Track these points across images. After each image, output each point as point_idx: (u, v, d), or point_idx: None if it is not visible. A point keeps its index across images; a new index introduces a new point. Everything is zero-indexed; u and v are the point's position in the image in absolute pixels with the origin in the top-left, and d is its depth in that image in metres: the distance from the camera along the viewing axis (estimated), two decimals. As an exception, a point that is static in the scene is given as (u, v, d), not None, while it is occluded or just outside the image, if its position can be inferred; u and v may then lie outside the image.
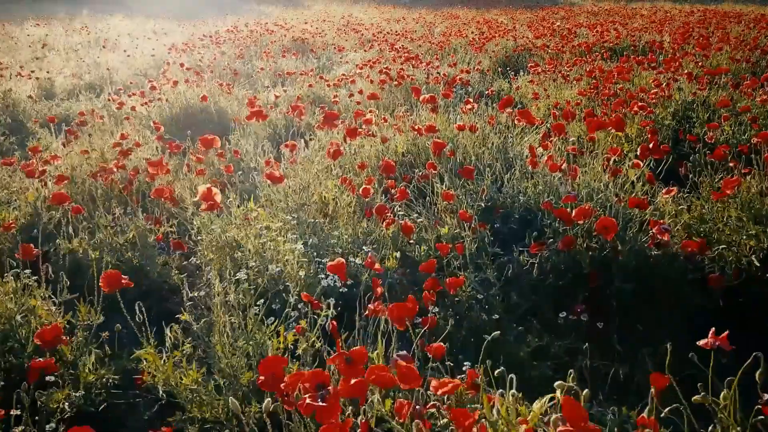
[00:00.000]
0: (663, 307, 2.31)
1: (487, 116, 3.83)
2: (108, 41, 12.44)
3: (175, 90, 5.46)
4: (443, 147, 2.74)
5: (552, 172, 2.53)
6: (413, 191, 3.03)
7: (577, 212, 2.20)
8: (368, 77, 6.19)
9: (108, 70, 8.50)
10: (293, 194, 2.89)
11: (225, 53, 8.94)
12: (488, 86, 7.45)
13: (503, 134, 3.59)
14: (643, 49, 7.77)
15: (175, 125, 5.19)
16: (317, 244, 2.54)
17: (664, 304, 2.31)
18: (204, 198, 1.98)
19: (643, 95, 4.49)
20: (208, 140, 2.94)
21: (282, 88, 6.35)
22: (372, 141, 3.65)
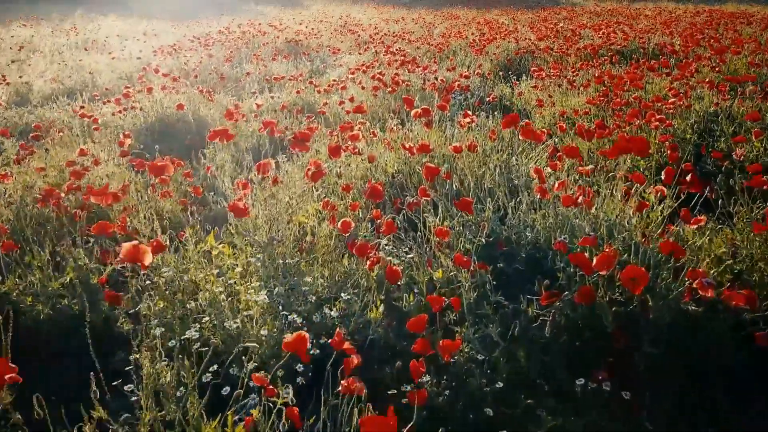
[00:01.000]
0: (702, 371, 1.91)
1: (487, 130, 3.43)
2: (96, 42, 12.04)
3: (151, 97, 5.06)
4: (437, 173, 2.34)
5: (566, 206, 2.13)
6: (403, 220, 2.63)
7: (598, 260, 1.79)
8: (360, 83, 5.78)
9: (90, 74, 8.10)
10: (264, 225, 2.49)
11: (213, 56, 8.53)
12: (489, 91, 7.06)
13: (505, 152, 3.19)
14: (653, 52, 7.37)
15: (150, 136, 4.79)
16: (287, 291, 2.14)
17: (703, 368, 1.91)
18: (129, 258, 1.58)
19: (660, 105, 4.08)
20: (159, 167, 2.53)
21: (269, 94, 5.95)
22: (359, 158, 3.26)
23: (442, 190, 2.79)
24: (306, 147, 2.24)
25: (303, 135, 2.21)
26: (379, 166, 3.29)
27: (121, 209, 3.01)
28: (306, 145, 2.23)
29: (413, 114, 3.04)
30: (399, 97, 5.44)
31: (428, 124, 3.21)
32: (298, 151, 2.32)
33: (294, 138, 2.20)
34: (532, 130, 2.44)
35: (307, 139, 2.22)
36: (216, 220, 3.29)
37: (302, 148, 2.23)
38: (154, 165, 2.20)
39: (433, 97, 5.52)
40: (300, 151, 2.39)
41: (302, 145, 2.21)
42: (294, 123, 4.88)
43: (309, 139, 2.25)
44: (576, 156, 2.21)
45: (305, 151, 2.29)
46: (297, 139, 2.18)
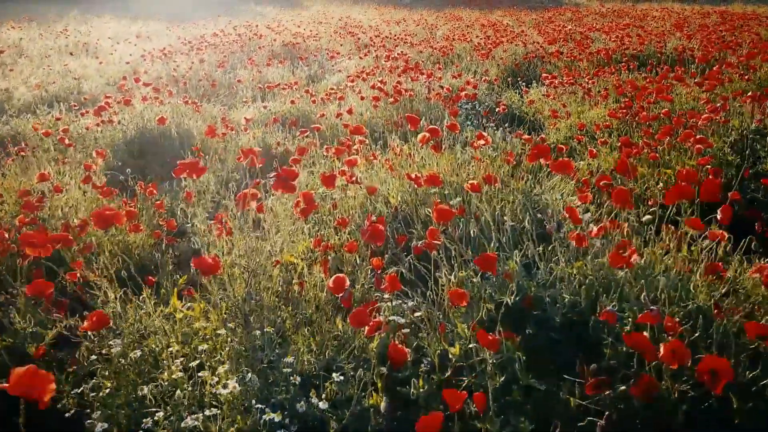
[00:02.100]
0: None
1: (502, 150, 3.00)
2: (87, 45, 11.62)
3: (132, 109, 4.64)
4: (449, 217, 1.92)
5: (615, 266, 1.70)
6: (409, 268, 2.21)
7: (667, 351, 1.37)
8: (360, 92, 5.36)
9: (76, 80, 7.68)
10: (242, 275, 2.07)
11: (205, 61, 8.10)
12: (497, 98, 6.63)
13: (526, 179, 2.76)
14: (671, 57, 6.93)
15: (129, 152, 4.37)
16: (265, 369, 1.71)
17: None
18: (19, 391, 1.16)
19: (693, 120, 3.66)
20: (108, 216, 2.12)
21: (262, 103, 5.53)
22: (358, 187, 2.83)
23: (455, 229, 2.37)
24: (291, 187, 1.81)
25: (288, 173, 1.79)
26: (381, 195, 2.86)
27: (81, 246, 2.58)
28: (291, 185, 1.80)
29: (419, 139, 2.62)
30: (402, 107, 5.02)
31: (436, 147, 2.79)
32: (282, 192, 1.90)
33: (277, 176, 1.78)
34: (566, 163, 2.01)
35: (292, 177, 1.80)
36: (197, 254, 2.88)
37: (286, 189, 1.80)
38: (101, 213, 1.77)
39: (438, 107, 5.10)
40: (284, 192, 1.96)
41: (286, 186, 1.79)
42: (287, 138, 4.46)
43: (295, 177, 1.83)
44: (627, 202, 1.79)
45: (291, 192, 1.87)
46: (280, 178, 1.75)
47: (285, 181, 1.75)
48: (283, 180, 1.75)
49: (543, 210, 2.65)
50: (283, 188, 1.76)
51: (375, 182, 2.98)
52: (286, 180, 1.76)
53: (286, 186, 1.76)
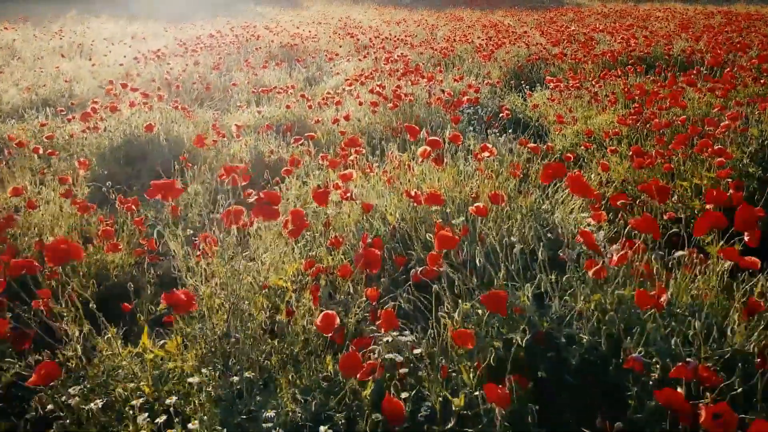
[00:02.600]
0: None
1: (509, 163, 2.80)
2: (82, 47, 11.43)
3: (119, 115, 4.44)
4: (453, 244, 1.71)
5: (642, 306, 1.49)
6: (408, 297, 2.01)
7: (708, 415, 1.16)
8: (357, 97, 5.15)
9: (67, 82, 7.48)
10: (221, 309, 1.87)
11: (199, 63, 7.90)
12: (500, 102, 6.42)
13: (534, 195, 2.56)
14: (680, 60, 6.72)
15: (115, 160, 4.17)
16: (244, 421, 1.51)
17: None
18: None
19: (709, 129, 3.45)
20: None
21: (256, 108, 5.33)
22: (353, 203, 2.63)
23: (459, 253, 2.17)
24: (273, 214, 1.61)
25: (269, 197, 1.59)
26: (378, 212, 2.66)
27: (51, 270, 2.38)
28: (273, 211, 1.60)
29: (420, 153, 2.42)
30: (401, 112, 4.81)
31: (438, 160, 2.59)
32: (263, 219, 1.69)
33: (257, 201, 1.58)
34: (583, 183, 1.81)
35: (274, 201, 1.60)
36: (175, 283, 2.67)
37: (268, 215, 1.60)
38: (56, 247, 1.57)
39: (439, 113, 4.90)
40: (266, 219, 1.76)
41: (267, 212, 1.59)
42: (281, 146, 4.26)
43: (277, 201, 1.63)
44: (653, 231, 1.58)
45: (274, 219, 1.67)
46: (261, 202, 1.55)
47: (266, 206, 1.55)
48: (265, 205, 1.55)
49: (553, 229, 2.45)
50: (264, 215, 1.56)
51: (372, 197, 2.78)
52: (268, 205, 1.56)
53: (267, 212, 1.56)
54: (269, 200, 1.59)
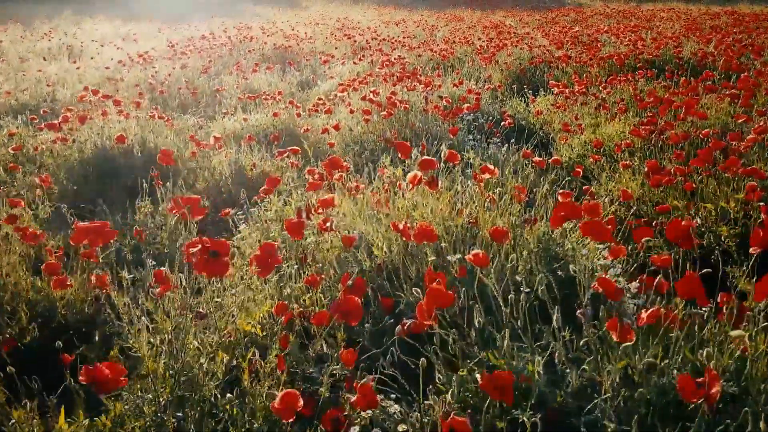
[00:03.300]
0: None
1: (511, 189, 2.47)
2: (72, 48, 11.12)
3: (92, 124, 4.12)
4: (448, 302, 1.40)
5: (689, 399, 1.16)
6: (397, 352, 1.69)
7: None
8: (349, 105, 4.83)
9: (49, 86, 7.16)
10: (167, 375, 1.55)
11: (187, 66, 7.57)
12: (501, 107, 6.10)
13: (540, 228, 2.23)
14: (691, 63, 6.38)
15: (85, 175, 3.85)
16: None
17: None
18: None
19: (735, 143, 3.13)
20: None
21: (242, 115, 5.01)
22: (335, 233, 2.31)
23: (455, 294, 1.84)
24: (222, 268, 1.29)
25: (217, 246, 1.27)
26: (365, 241, 2.34)
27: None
28: (221, 264, 1.28)
29: (410, 179, 2.09)
30: (396, 120, 4.49)
31: (432, 183, 2.27)
32: (206, 276, 1.37)
33: (200, 252, 1.26)
34: (600, 228, 1.49)
35: (223, 251, 1.28)
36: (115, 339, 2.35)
37: (214, 270, 1.28)
38: None
39: (437, 121, 4.58)
40: (210, 276, 1.43)
41: (214, 266, 1.27)
42: (264, 158, 3.94)
43: (227, 251, 1.30)
44: (700, 295, 1.26)
45: (221, 274, 1.34)
46: (205, 253, 1.23)
47: (212, 259, 1.23)
48: (211, 257, 1.23)
49: (565, 264, 2.13)
50: (209, 270, 1.24)
51: (358, 223, 2.45)
52: (215, 257, 1.24)
53: (212, 267, 1.24)
54: (216, 251, 1.27)
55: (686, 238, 1.40)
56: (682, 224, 1.44)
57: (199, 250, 1.27)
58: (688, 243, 1.41)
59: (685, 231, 1.40)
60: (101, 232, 1.43)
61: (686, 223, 1.44)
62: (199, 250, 1.26)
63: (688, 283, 1.22)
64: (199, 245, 1.26)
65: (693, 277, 1.23)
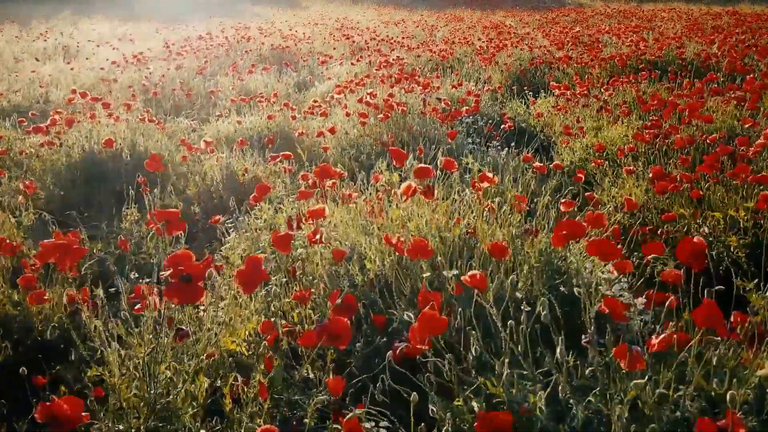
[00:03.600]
0: None
1: (512, 196, 2.36)
2: (68, 48, 11.01)
3: (80, 127, 4.01)
4: (441, 329, 1.29)
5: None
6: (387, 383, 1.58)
7: None
8: (345, 107, 4.72)
9: (42, 87, 7.06)
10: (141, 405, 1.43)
11: (183, 67, 7.46)
12: (501, 109, 5.99)
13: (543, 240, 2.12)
14: (695, 65, 6.27)
15: (72, 180, 3.74)
16: None
17: None
18: None
19: (742, 149, 3.02)
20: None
21: (236, 118, 4.90)
22: (325, 246, 2.20)
23: (451, 315, 1.74)
24: (195, 294, 1.18)
25: (191, 268, 1.16)
26: (357, 253, 2.23)
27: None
28: (194, 291, 1.17)
29: (403, 191, 1.98)
30: (394, 123, 4.38)
31: (427, 192, 2.16)
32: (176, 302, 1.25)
33: (171, 275, 1.15)
34: (607, 244, 1.38)
35: (197, 275, 1.17)
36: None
37: (186, 297, 1.17)
38: None
39: (435, 123, 4.47)
40: (181, 303, 1.31)
41: (186, 293, 1.16)
42: (257, 163, 3.83)
43: (201, 276, 1.19)
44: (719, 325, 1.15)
45: (194, 301, 1.23)
46: (176, 277, 1.12)
47: (183, 285, 1.12)
48: (182, 283, 1.12)
49: (568, 279, 2.02)
50: (180, 297, 1.13)
51: (351, 232, 2.35)
52: (187, 283, 1.13)
53: (184, 293, 1.13)
54: (189, 275, 1.16)
55: (698, 258, 1.29)
56: (694, 242, 1.33)
57: (170, 274, 1.16)
58: (701, 263, 1.30)
59: (697, 250, 1.29)
60: (69, 250, 1.32)
61: (698, 241, 1.33)
62: (172, 273, 1.15)
63: (707, 312, 1.11)
64: (170, 269, 1.15)
65: (711, 305, 1.12)
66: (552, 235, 1.49)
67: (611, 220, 2.80)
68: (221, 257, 2.77)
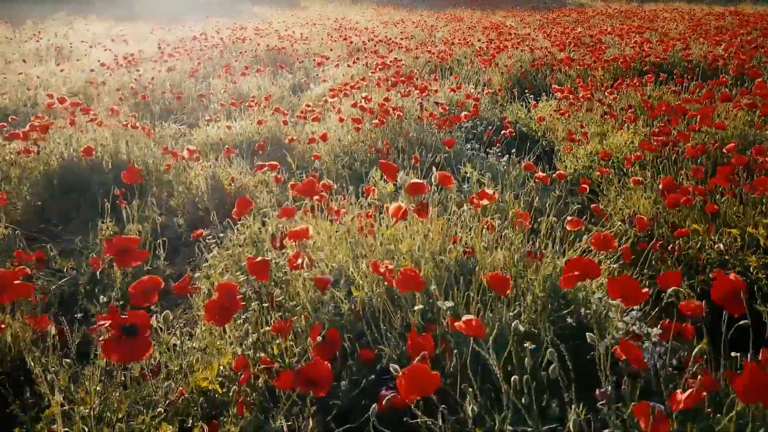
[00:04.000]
0: None
1: (512, 219, 2.18)
2: (61, 49, 10.82)
3: (60, 134, 3.82)
4: (434, 386, 1.10)
5: None
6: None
7: None
8: (339, 112, 4.53)
9: (29, 90, 6.87)
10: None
11: (174, 69, 7.27)
12: (501, 112, 5.81)
13: (550, 264, 1.93)
14: (702, 67, 6.08)
15: (49, 192, 3.56)
16: None
17: None
18: None
19: (761, 159, 2.83)
20: None
21: (226, 123, 4.71)
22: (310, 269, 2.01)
23: (449, 358, 1.55)
24: (138, 351, 0.99)
25: (137, 318, 0.98)
26: (344, 276, 2.05)
27: None
28: (138, 347, 0.99)
29: (392, 212, 1.79)
30: (390, 129, 4.19)
31: (421, 210, 1.97)
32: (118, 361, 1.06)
33: (111, 327, 0.96)
34: (631, 285, 1.20)
35: (142, 326, 0.98)
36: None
37: (128, 355, 0.98)
38: None
39: (432, 129, 4.28)
40: (123, 362, 1.12)
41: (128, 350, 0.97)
42: (244, 171, 3.64)
43: (146, 327, 1.01)
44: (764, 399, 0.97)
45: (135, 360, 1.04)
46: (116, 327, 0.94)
47: (127, 338, 0.93)
48: (126, 335, 0.93)
49: (576, 309, 1.83)
50: (121, 355, 0.95)
51: (338, 256, 2.16)
52: (132, 335, 0.94)
53: (126, 351, 0.94)
54: (133, 326, 0.97)
55: (736, 300, 1.10)
56: (731, 280, 1.14)
57: (110, 325, 0.97)
58: (739, 307, 1.11)
59: (735, 291, 1.11)
60: (7, 287, 1.14)
61: (735, 279, 1.15)
62: (111, 324, 0.97)
63: (753, 383, 0.92)
64: (108, 320, 0.96)
65: (757, 373, 0.93)
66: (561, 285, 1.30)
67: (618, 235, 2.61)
68: (203, 275, 2.59)
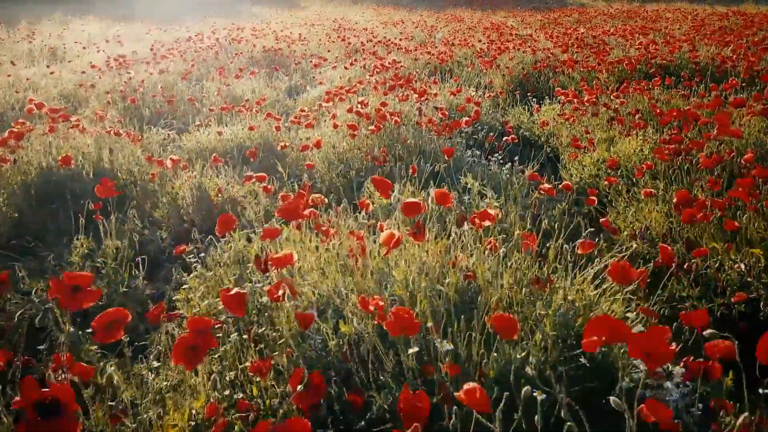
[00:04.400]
0: None
1: (517, 237, 1.98)
2: (55, 50, 10.63)
3: (40, 141, 3.64)
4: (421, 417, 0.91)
5: None
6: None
7: None
8: (334, 117, 4.34)
9: (18, 93, 6.68)
10: None
11: (166, 71, 7.07)
12: (503, 116, 5.62)
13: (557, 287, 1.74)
14: (710, 69, 5.89)
15: (27, 203, 3.37)
16: None
17: None
18: None
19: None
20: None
21: (216, 128, 4.52)
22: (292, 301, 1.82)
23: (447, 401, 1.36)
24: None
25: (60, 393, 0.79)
26: (333, 306, 1.86)
27: None
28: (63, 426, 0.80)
29: (383, 241, 1.60)
30: (387, 135, 4.00)
31: (418, 233, 1.78)
32: None
33: (27, 407, 0.78)
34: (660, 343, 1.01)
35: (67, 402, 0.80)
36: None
37: None
38: None
39: (431, 135, 4.09)
40: None
41: None
42: (231, 182, 3.45)
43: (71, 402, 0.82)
44: None
45: None
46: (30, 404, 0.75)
47: (43, 421, 0.75)
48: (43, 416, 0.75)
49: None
50: None
51: (325, 282, 1.97)
52: (49, 415, 0.76)
53: None
54: (53, 403, 0.78)
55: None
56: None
57: (22, 400, 0.78)
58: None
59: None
60: None
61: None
62: (27, 406, 0.78)
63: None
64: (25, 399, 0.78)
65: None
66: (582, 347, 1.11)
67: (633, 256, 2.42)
68: (183, 298, 2.40)
